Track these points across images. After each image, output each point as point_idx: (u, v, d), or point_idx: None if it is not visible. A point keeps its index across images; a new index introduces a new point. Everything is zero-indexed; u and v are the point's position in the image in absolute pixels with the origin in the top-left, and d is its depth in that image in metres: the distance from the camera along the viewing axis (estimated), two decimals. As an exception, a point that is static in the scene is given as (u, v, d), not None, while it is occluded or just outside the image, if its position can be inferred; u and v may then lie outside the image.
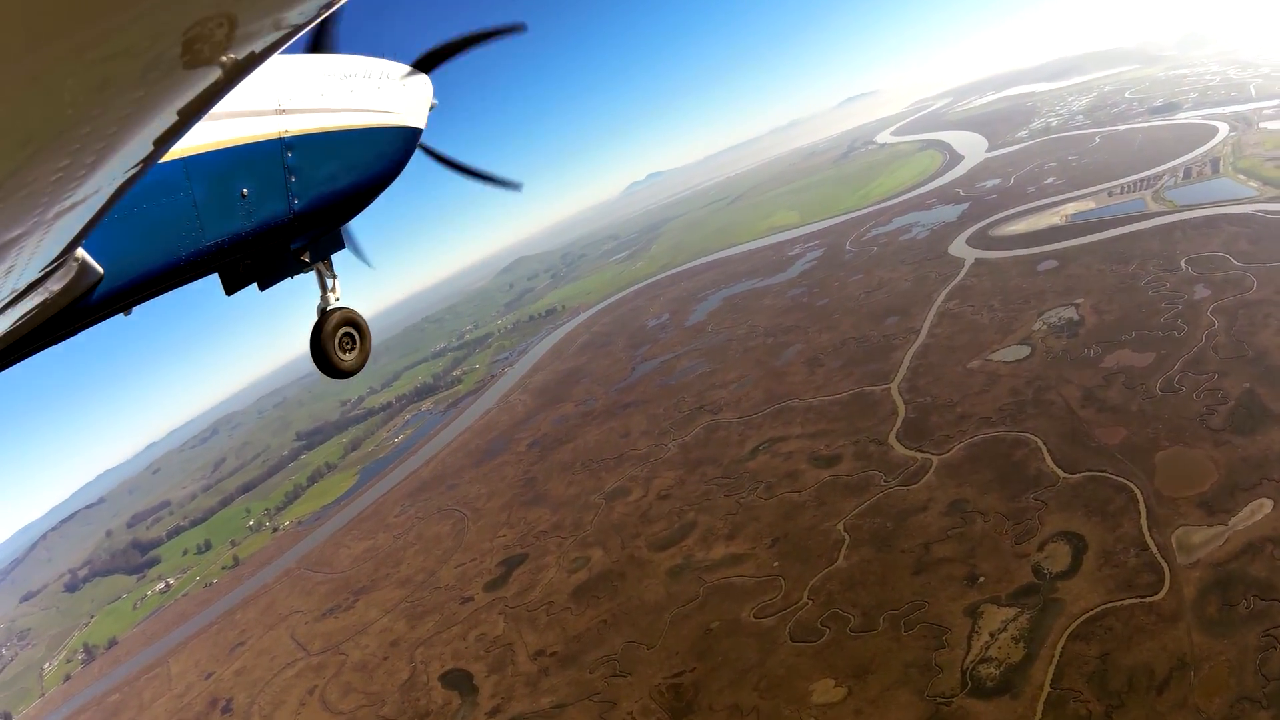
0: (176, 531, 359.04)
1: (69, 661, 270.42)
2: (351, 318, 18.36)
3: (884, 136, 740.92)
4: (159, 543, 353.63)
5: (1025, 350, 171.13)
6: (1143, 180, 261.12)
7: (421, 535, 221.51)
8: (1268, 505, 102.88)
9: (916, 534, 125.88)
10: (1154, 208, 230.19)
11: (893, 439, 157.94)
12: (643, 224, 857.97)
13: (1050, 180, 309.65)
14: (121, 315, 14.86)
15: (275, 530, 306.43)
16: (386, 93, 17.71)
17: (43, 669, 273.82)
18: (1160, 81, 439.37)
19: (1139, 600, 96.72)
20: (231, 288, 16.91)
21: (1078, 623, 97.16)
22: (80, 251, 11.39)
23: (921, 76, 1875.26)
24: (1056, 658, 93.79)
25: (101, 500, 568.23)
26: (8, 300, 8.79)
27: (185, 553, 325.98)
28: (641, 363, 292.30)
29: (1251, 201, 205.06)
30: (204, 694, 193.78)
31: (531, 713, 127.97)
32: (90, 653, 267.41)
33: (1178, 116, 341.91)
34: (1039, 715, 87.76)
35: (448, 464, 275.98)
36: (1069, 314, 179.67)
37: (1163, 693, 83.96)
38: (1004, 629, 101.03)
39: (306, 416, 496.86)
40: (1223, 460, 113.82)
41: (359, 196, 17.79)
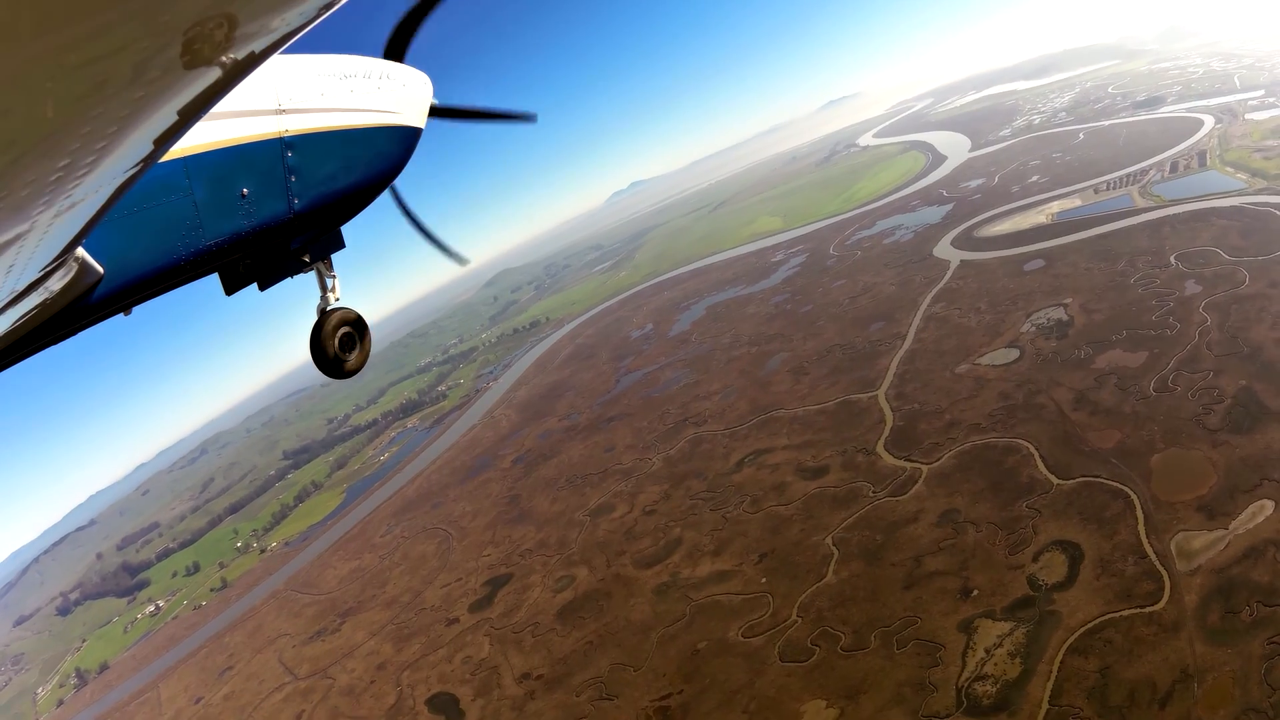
0: (166, 553, 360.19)
1: (62, 686, 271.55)
2: (351, 317, 18.48)
3: (866, 139, 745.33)
4: (149, 565, 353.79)
5: (1014, 353, 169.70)
6: (1129, 176, 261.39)
7: (407, 555, 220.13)
8: (1269, 506, 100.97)
9: (907, 547, 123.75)
10: (1141, 203, 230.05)
11: (881, 448, 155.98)
12: (626, 233, 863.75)
13: (1035, 179, 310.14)
14: (121, 315, 15.02)
15: (263, 551, 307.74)
16: (386, 92, 17.91)
17: (36, 694, 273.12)
18: (1143, 76, 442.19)
19: (1139, 610, 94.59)
20: (231, 287, 16.99)
21: (1076, 636, 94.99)
22: (80, 251, 11.52)
23: (903, 78, 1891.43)
24: (1055, 673, 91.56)
25: (92, 522, 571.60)
26: (8, 300, 9.01)
27: (174, 575, 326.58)
28: (625, 375, 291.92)
29: (1240, 194, 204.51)
30: (193, 719, 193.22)
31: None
32: (83, 677, 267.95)
33: (1162, 110, 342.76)
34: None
35: (433, 481, 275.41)
36: (1058, 314, 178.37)
37: (1166, 706, 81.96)
38: (1000, 644, 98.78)
39: (293, 435, 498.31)
40: (1221, 461, 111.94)
41: (359, 196, 18.01)
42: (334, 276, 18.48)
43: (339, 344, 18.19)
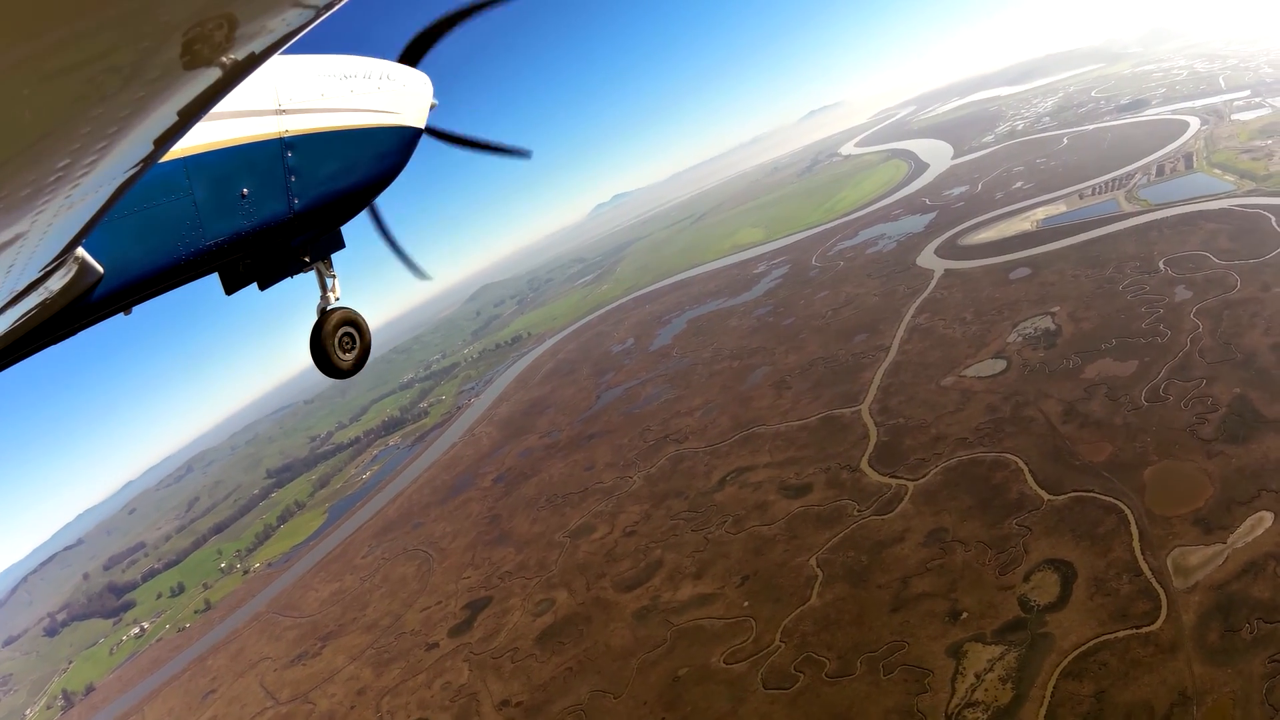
0: (151, 574, 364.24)
1: (49, 708, 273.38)
2: (351, 317, 18.69)
3: (848, 148, 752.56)
4: (134, 585, 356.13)
5: (1001, 364, 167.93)
6: (1114, 180, 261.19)
7: (388, 577, 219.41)
8: (1268, 518, 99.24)
9: (893, 567, 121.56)
10: (1128, 208, 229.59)
11: (865, 465, 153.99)
12: (608, 246, 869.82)
13: (1019, 185, 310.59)
14: (121, 315, 15.19)
15: (246, 572, 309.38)
16: (386, 93, 18.05)
17: (24, 715, 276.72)
18: (1126, 79, 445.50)
19: (1134, 631, 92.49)
20: (231, 287, 17.26)
21: (1069, 659, 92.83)
22: (80, 251, 11.63)
23: (885, 86, 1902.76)
24: (1048, 698, 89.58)
25: (80, 541, 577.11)
26: (8, 300, 9.17)
27: (159, 596, 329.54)
28: (606, 390, 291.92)
29: (1229, 196, 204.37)
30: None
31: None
32: (69, 699, 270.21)
33: (1146, 113, 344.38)
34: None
35: (414, 501, 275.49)
36: (1045, 323, 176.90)
37: (1164, 731, 79.79)
38: (990, 669, 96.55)
39: (277, 453, 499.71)
40: (1217, 472, 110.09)
41: (359, 196, 18.17)
42: (334, 276, 18.72)
43: (339, 344, 18.47)
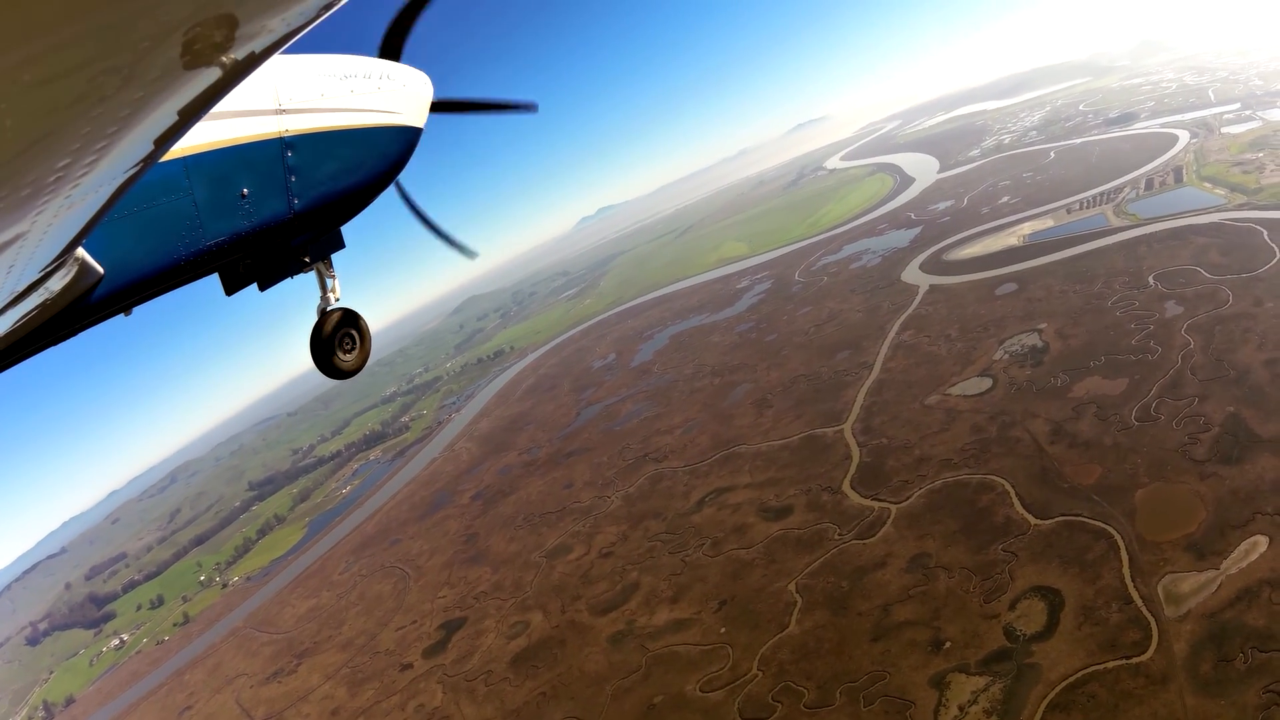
0: (131, 585, 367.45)
1: (30, 719, 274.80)
2: (351, 318, 18.90)
3: (833, 162, 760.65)
4: (114, 596, 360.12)
5: (987, 382, 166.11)
6: (1103, 194, 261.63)
7: (364, 595, 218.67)
8: (1262, 543, 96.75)
9: (875, 594, 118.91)
10: (1116, 222, 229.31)
11: (847, 486, 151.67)
12: (593, 259, 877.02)
13: (1005, 199, 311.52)
14: (122, 315, 15.27)
15: (225, 586, 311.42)
16: (386, 92, 18.20)
17: None
18: (1115, 92, 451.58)
19: (1124, 661, 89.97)
20: (231, 288, 17.25)
21: (1057, 690, 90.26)
22: (80, 251, 11.71)
23: (871, 100, 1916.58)
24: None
25: (63, 550, 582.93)
26: (8, 301, 9.30)
27: (139, 608, 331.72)
28: (586, 407, 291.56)
29: (1219, 210, 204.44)
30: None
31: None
32: (50, 710, 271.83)
33: (1135, 127, 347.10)
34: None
35: (392, 517, 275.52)
36: (1032, 340, 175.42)
37: (1155, 765, 78.24)
38: (974, 700, 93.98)
39: (259, 465, 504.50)
40: (1210, 495, 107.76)
41: (359, 196, 18.28)
42: (334, 277, 18.83)
43: (339, 344, 18.71)
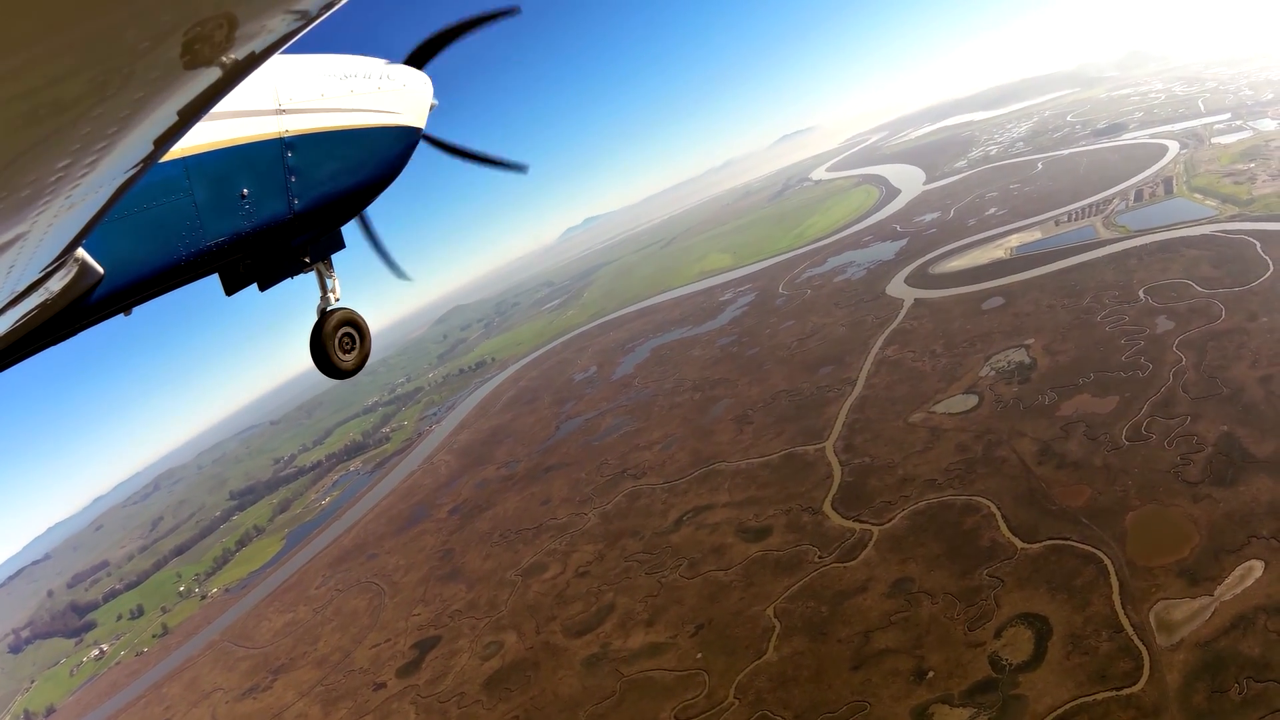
0: (112, 594, 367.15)
1: None
2: (351, 318, 18.98)
3: (819, 173, 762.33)
4: (95, 606, 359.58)
5: (972, 399, 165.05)
6: (1091, 206, 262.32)
7: (340, 610, 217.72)
8: (1257, 568, 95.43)
9: (855, 620, 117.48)
10: (1105, 235, 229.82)
11: (828, 507, 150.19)
12: (577, 270, 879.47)
13: (992, 211, 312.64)
14: (122, 315, 15.47)
15: (203, 598, 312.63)
16: (386, 93, 18.34)
17: None
18: (1103, 103, 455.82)
19: (1114, 693, 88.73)
20: (231, 288, 17.54)
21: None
22: (80, 251, 11.86)
23: (858, 111, 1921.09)
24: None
25: (47, 556, 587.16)
26: (8, 301, 9.42)
27: (119, 618, 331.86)
28: (566, 421, 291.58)
29: (1211, 221, 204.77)
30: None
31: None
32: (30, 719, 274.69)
33: (1124, 137, 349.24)
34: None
35: (370, 531, 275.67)
36: (1019, 356, 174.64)
37: (1147, 801, 77.11)
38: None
39: (241, 474, 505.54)
40: (1203, 518, 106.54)
41: (359, 196, 18.49)
42: (334, 277, 18.89)
43: (339, 345, 18.65)
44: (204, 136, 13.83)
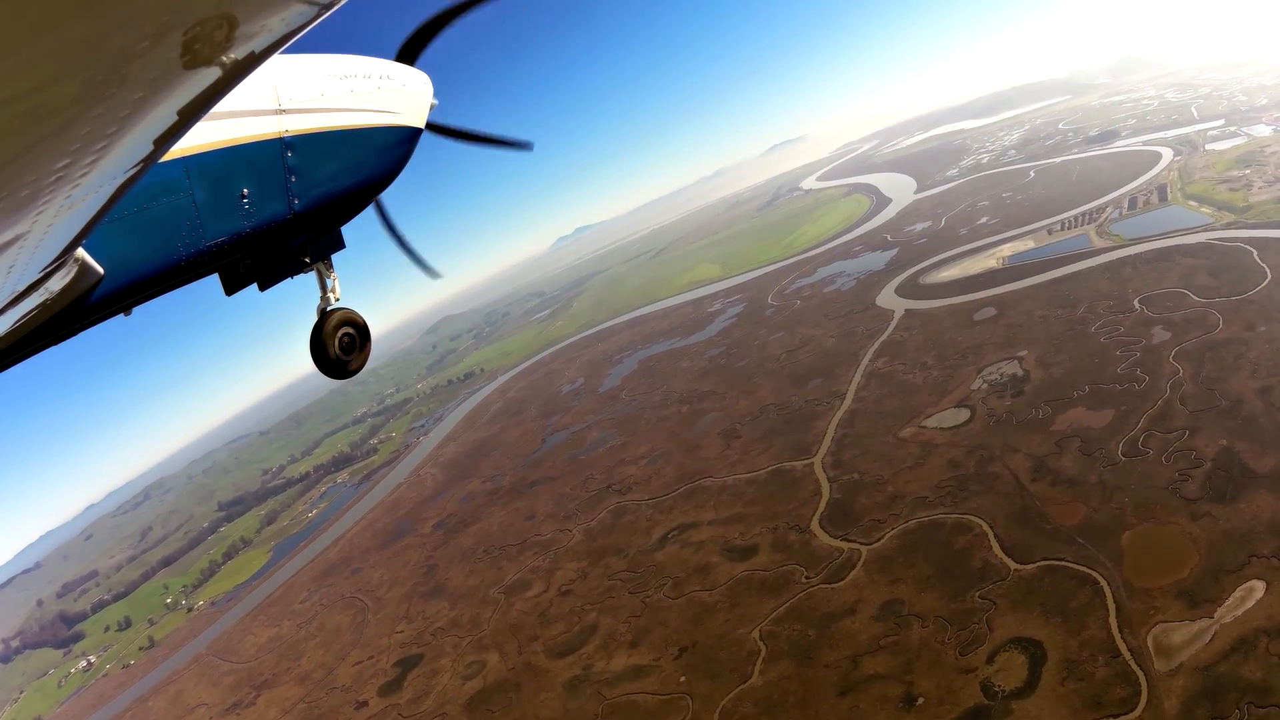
0: (101, 605, 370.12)
1: None
2: (351, 318, 19.11)
3: (809, 182, 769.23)
4: (84, 616, 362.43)
5: (964, 413, 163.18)
6: (1085, 214, 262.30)
7: (323, 626, 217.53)
8: (1259, 588, 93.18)
9: (843, 644, 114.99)
10: (1099, 243, 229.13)
11: (816, 525, 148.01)
12: (567, 280, 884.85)
13: (984, 220, 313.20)
14: (122, 315, 15.63)
15: (190, 610, 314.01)
16: (386, 92, 18.43)
17: None
18: (1095, 110, 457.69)
19: None
20: (231, 288, 17.57)
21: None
22: (80, 251, 11.95)
23: (848, 120, 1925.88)
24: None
25: (38, 565, 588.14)
26: (8, 301, 9.56)
27: (107, 629, 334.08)
28: (552, 434, 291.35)
29: (1206, 229, 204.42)
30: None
31: None
32: None
33: (1117, 145, 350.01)
34: None
35: (355, 545, 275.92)
36: (1012, 369, 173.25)
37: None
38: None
39: (230, 485, 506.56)
40: (1203, 537, 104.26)
41: (359, 196, 18.63)
42: (334, 277, 18.97)
43: (339, 344, 18.80)
44: (204, 136, 14.01)
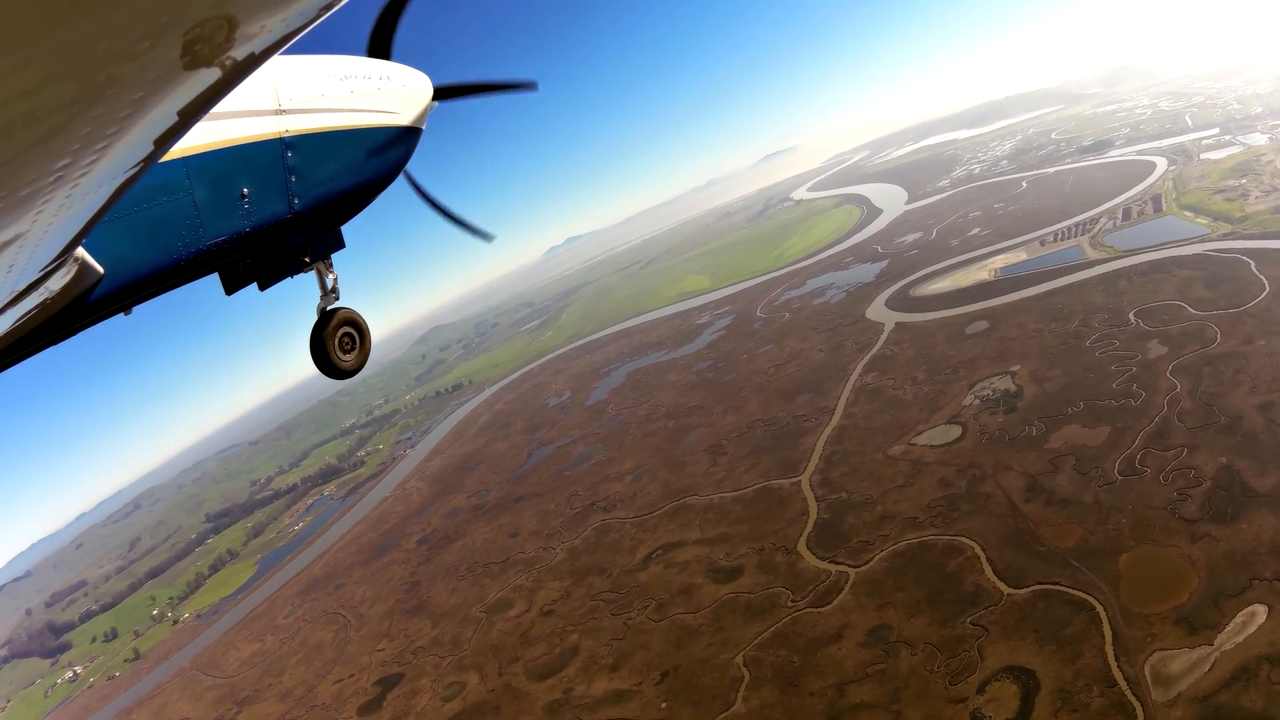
0: (88, 615, 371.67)
1: None
2: (351, 318, 19.19)
3: (800, 193, 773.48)
4: (71, 626, 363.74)
5: (956, 430, 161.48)
6: (1078, 225, 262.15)
7: (305, 642, 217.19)
8: (1260, 613, 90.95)
9: (829, 671, 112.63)
10: (1093, 255, 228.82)
11: (803, 546, 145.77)
12: (557, 290, 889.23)
13: (975, 231, 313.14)
14: (122, 315, 15.57)
15: (175, 623, 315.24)
16: (386, 93, 18.49)
17: None
18: (1088, 119, 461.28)
19: None
20: (231, 288, 17.57)
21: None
22: (80, 251, 11.99)
23: (840, 130, 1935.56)
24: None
25: (28, 574, 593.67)
26: (8, 300, 9.58)
27: (94, 640, 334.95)
28: (538, 448, 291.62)
29: (1202, 240, 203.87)
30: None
31: None
32: None
33: (1110, 154, 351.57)
34: None
35: (339, 559, 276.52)
36: (1004, 384, 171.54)
37: None
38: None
39: (218, 496, 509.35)
40: (1202, 559, 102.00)
41: (359, 196, 18.63)
42: (334, 276, 19.01)
43: (339, 344, 18.86)
44: (204, 136, 13.94)
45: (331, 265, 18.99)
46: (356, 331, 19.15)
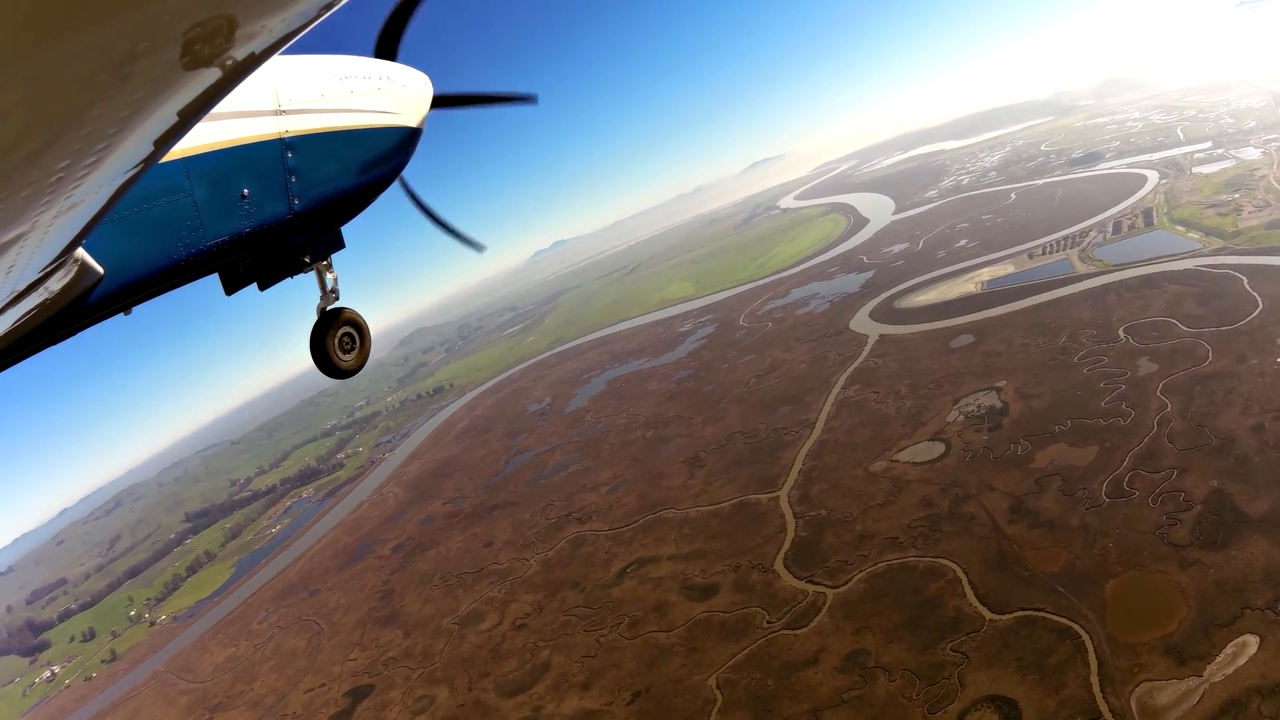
0: (67, 614, 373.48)
1: None
2: (351, 318, 19.50)
3: (787, 201, 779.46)
4: (50, 625, 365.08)
5: (939, 447, 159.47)
6: (1067, 238, 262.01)
7: (279, 649, 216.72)
8: (1251, 644, 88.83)
9: (804, 696, 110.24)
10: (1082, 269, 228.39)
11: (780, 564, 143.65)
12: (541, 294, 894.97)
13: (963, 243, 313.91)
14: (122, 315, 15.74)
15: (152, 625, 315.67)
16: (386, 93, 18.75)
17: None
18: (1078, 131, 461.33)
19: None
20: (231, 288, 17.85)
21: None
22: (80, 251, 12.09)
23: (828, 139, 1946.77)
24: None
25: (10, 569, 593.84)
26: (8, 300, 9.64)
27: (72, 639, 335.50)
28: (516, 455, 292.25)
29: (1194, 255, 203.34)
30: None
31: None
32: None
33: (1100, 167, 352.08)
34: None
35: (315, 564, 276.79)
36: (990, 400, 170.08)
37: None
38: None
39: (198, 495, 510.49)
40: (1192, 587, 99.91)
41: (359, 196, 18.90)
42: (334, 276, 19.22)
43: (339, 344, 19.22)
44: (204, 136, 14.02)
45: (331, 266, 19.23)
46: (356, 331, 19.51)
